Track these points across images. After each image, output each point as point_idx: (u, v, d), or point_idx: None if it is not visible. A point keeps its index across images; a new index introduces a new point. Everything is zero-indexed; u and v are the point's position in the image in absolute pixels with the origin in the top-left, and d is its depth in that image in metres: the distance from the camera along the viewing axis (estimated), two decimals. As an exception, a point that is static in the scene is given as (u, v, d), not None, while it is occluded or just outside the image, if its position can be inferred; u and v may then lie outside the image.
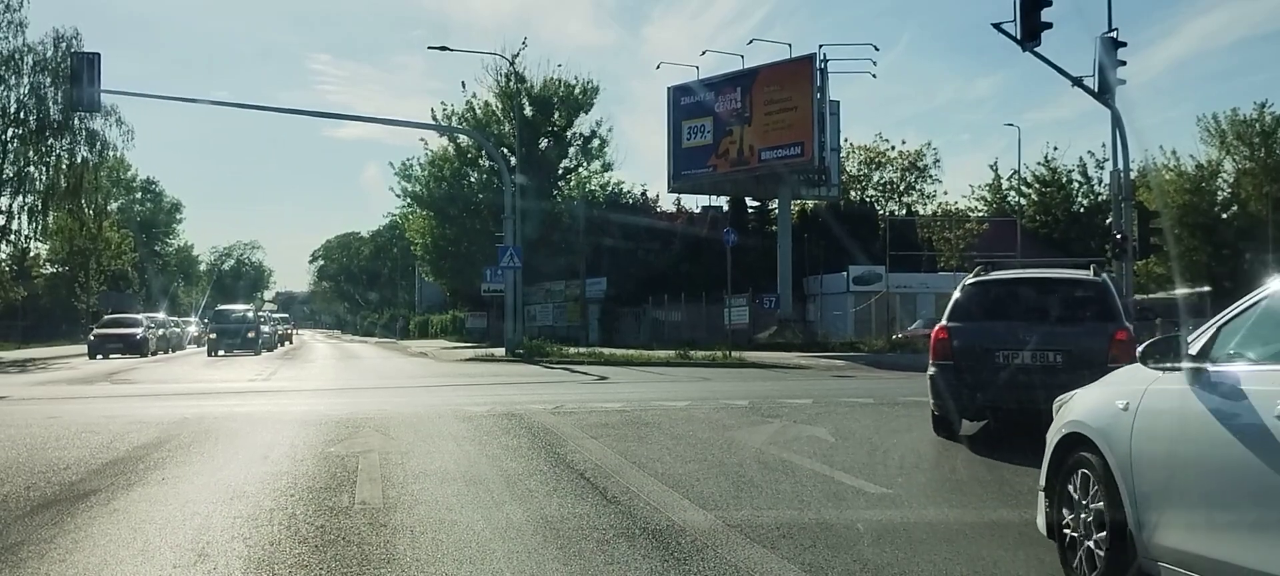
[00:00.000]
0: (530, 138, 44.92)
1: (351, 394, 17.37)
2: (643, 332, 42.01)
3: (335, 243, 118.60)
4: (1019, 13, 21.05)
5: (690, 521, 6.11)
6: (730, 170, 39.15)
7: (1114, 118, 23.92)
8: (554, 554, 5.38)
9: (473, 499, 6.90)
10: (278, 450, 9.31)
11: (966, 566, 5.20)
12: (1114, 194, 25.37)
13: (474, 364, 29.16)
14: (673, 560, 5.21)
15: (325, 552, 5.40)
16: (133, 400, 16.12)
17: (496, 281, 33.77)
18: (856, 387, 16.99)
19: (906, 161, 51.62)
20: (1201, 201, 44.29)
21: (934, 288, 39.25)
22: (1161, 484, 4.19)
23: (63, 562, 5.24)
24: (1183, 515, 4.08)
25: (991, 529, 6.02)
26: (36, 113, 44.65)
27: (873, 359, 27.44)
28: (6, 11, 43.49)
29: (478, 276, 39.08)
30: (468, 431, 10.72)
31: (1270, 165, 43.44)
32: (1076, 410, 4.94)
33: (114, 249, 63.29)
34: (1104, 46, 22.65)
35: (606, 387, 18.01)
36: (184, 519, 6.32)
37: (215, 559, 5.31)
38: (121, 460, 8.75)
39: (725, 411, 12.67)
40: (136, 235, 72.89)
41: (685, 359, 26.68)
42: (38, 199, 46.68)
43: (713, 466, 8.24)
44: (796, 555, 5.30)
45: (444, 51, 36.15)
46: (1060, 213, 52.55)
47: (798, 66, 36.66)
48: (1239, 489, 3.80)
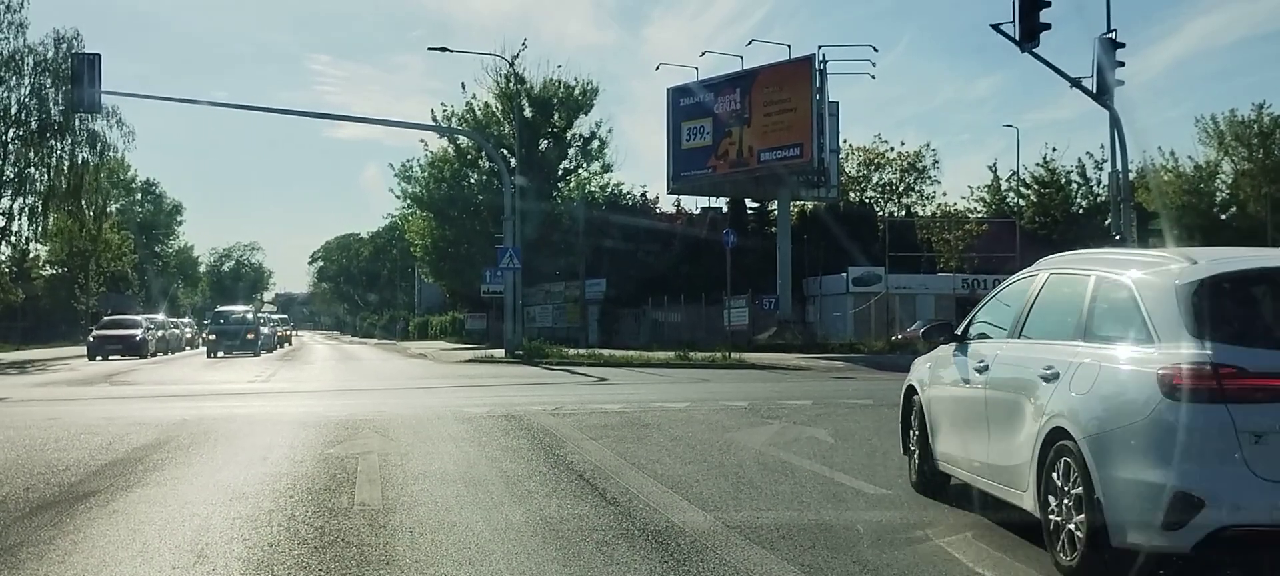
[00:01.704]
0: (530, 139, 44.91)
1: (351, 395, 17.37)
2: (642, 334, 42.01)
3: (335, 244, 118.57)
4: (1018, 14, 21.04)
5: (690, 522, 6.12)
6: (729, 171, 39.16)
7: (1113, 119, 23.92)
8: (553, 555, 5.38)
9: (472, 500, 6.90)
10: (277, 451, 9.31)
11: (965, 566, 5.21)
12: (1112, 195, 25.38)
13: (473, 365, 29.17)
14: (672, 561, 5.21)
15: (324, 553, 5.40)
16: (132, 402, 16.13)
17: (496, 282, 33.76)
18: (856, 389, 16.99)
19: (905, 162, 51.66)
20: (1200, 202, 44.31)
21: (933, 288, 39.31)
22: (936, 415, 6.93)
23: (62, 563, 5.24)
24: (942, 432, 6.81)
25: (989, 529, 6.02)
26: (37, 114, 44.72)
27: (872, 360, 27.44)
28: (7, 12, 43.60)
29: (477, 277, 39.09)
30: (467, 433, 10.72)
31: (1269, 166, 43.44)
32: (912, 371, 7.60)
33: (114, 250, 63.24)
34: (1103, 47, 22.65)
35: (606, 389, 18.01)
36: (183, 520, 6.32)
37: (214, 560, 5.31)
38: (121, 461, 8.75)
39: (725, 413, 12.67)
40: (136, 236, 72.87)
41: (685, 360, 26.68)
42: (38, 200, 46.74)
43: (712, 467, 8.25)
44: (796, 556, 5.30)
45: (444, 52, 36.15)
46: (1059, 214, 52.54)
47: (797, 67, 36.67)
48: (955, 414, 6.63)
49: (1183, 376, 4.41)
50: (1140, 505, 4.47)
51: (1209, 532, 4.31)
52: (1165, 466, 4.39)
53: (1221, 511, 4.29)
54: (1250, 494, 4.29)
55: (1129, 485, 4.52)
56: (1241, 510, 4.29)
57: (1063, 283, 5.86)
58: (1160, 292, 4.82)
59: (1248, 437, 4.31)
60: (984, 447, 6.03)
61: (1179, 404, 4.39)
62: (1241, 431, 4.31)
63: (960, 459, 6.43)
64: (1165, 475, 4.38)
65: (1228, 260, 5.07)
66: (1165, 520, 4.36)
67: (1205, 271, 4.81)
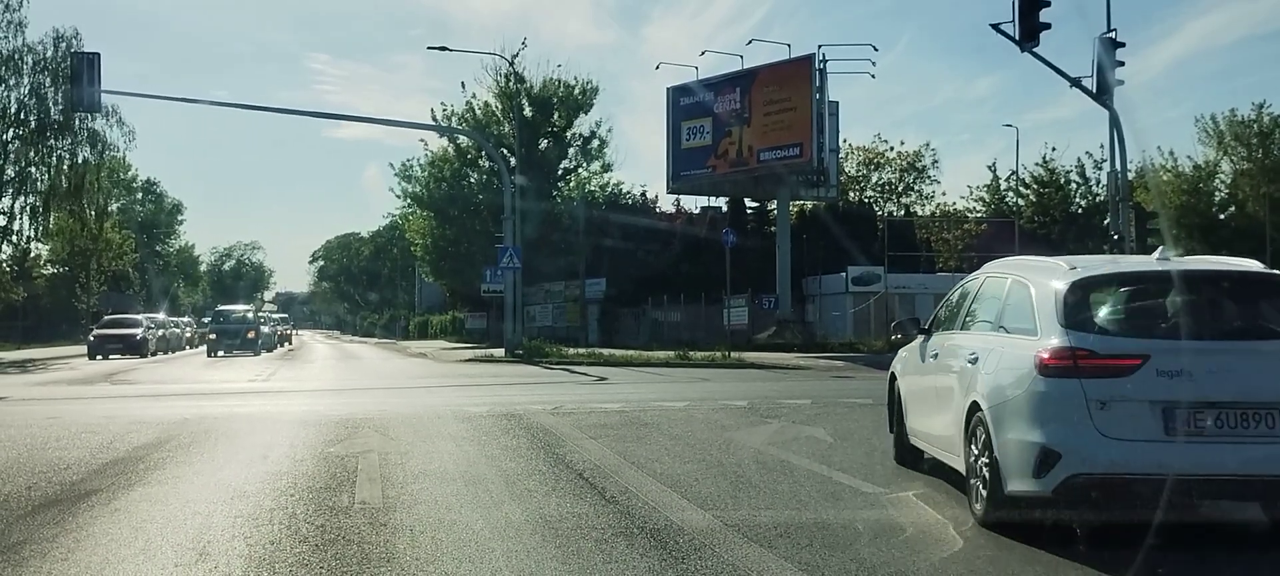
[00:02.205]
0: (530, 138, 44.90)
1: (351, 394, 17.40)
2: (642, 333, 42.01)
3: (335, 243, 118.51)
4: (1017, 13, 21.06)
5: (688, 521, 6.15)
6: (729, 171, 39.16)
7: (1112, 118, 23.96)
8: (552, 553, 5.42)
9: (472, 498, 6.93)
10: (278, 450, 9.35)
11: (962, 564, 5.26)
12: (1111, 195, 25.42)
13: (473, 364, 29.19)
14: (670, 559, 5.25)
15: (325, 551, 5.44)
16: (133, 400, 16.16)
17: (496, 282, 33.77)
18: (855, 388, 17.04)
19: (905, 162, 51.67)
20: (1199, 202, 44.25)
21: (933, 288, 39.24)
22: (906, 397, 8.17)
23: (65, 561, 5.28)
24: (910, 412, 8.02)
25: (985, 527, 6.05)
26: (37, 113, 44.70)
27: (871, 359, 27.39)
28: (6, 11, 43.56)
29: (477, 277, 39.06)
30: (467, 432, 10.75)
31: (1268, 166, 43.39)
32: (894, 361, 8.79)
33: (115, 250, 63.23)
34: (1102, 47, 22.68)
35: (605, 388, 18.04)
36: (185, 518, 6.36)
37: (216, 557, 5.35)
38: (122, 460, 8.79)
39: (724, 412, 12.71)
40: (137, 236, 72.80)
41: (684, 359, 26.70)
42: (39, 199, 46.73)
43: (711, 466, 8.29)
44: (794, 554, 5.34)
45: (444, 52, 36.20)
46: (1058, 213, 52.52)
47: (797, 67, 36.67)
48: (917, 396, 7.89)
49: (1049, 358, 5.64)
50: (1020, 459, 5.67)
51: (1064, 479, 5.47)
52: (1036, 428, 5.60)
53: (1073, 462, 5.45)
54: (1096, 449, 5.43)
55: (1014, 444, 5.72)
56: (1088, 461, 5.44)
57: (992, 284, 7.06)
58: (1045, 293, 6.04)
59: (1095, 405, 5.46)
60: (934, 422, 7.31)
61: (1047, 380, 5.60)
62: (1090, 400, 5.47)
63: (922, 433, 7.75)
64: (1036, 435, 5.59)
65: (1096, 267, 6.39)
66: (1034, 470, 5.57)
67: (1076, 276, 6.02)
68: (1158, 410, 5.40)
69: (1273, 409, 5.41)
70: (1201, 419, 5.40)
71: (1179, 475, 5.35)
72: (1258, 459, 5.39)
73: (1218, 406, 5.41)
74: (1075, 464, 5.42)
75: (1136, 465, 5.39)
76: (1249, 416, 5.41)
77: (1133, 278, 6.37)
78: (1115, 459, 5.39)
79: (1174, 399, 5.39)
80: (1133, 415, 5.41)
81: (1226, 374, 5.45)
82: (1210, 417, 5.40)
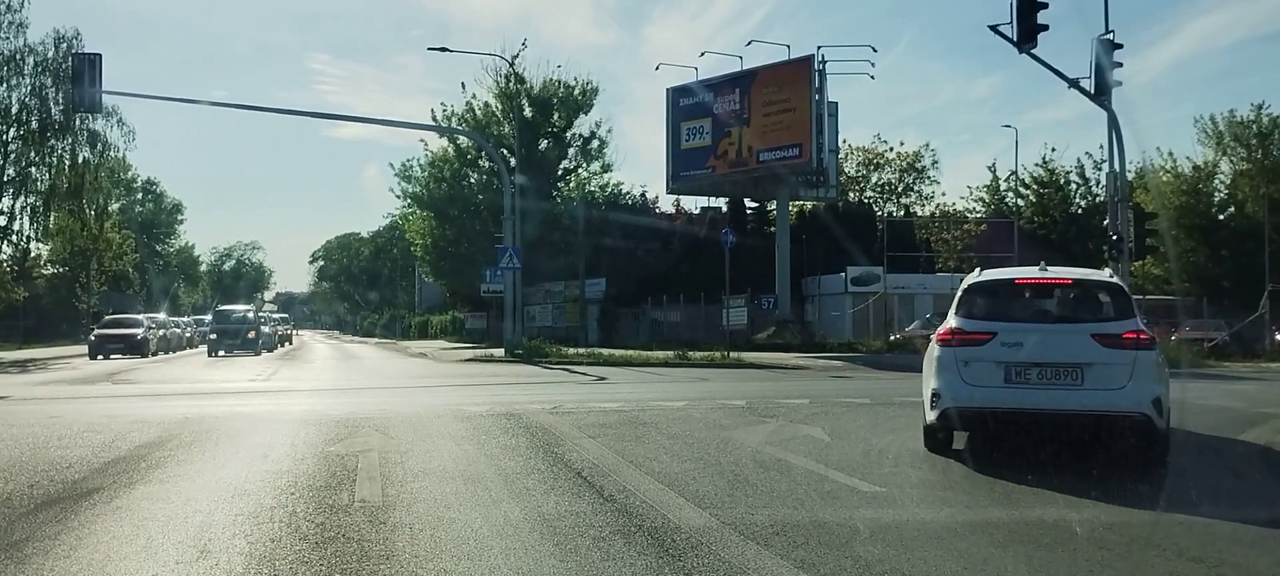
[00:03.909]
0: (530, 138, 44.94)
1: (351, 394, 17.44)
2: (642, 333, 42.05)
3: (335, 243, 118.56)
4: (1016, 15, 21.09)
5: (686, 519, 6.19)
6: (729, 171, 39.19)
7: (1111, 119, 24.01)
8: (551, 551, 5.46)
9: (471, 497, 6.98)
10: (278, 449, 9.39)
11: (958, 563, 5.29)
12: (1111, 195, 25.46)
13: (473, 364, 29.22)
14: (668, 557, 5.29)
15: (325, 549, 5.48)
16: (134, 400, 16.19)
17: (496, 282, 33.80)
18: (854, 388, 17.07)
19: (905, 162, 51.74)
20: (1198, 203, 44.18)
21: (932, 288, 39.31)
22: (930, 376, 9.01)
23: (67, 559, 5.32)
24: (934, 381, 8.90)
25: (983, 527, 6.10)
26: (38, 113, 44.77)
27: (871, 359, 27.51)
28: (7, 12, 43.63)
29: (477, 277, 39.09)
30: (466, 431, 10.79)
31: (1267, 166, 43.34)
32: None
33: (115, 249, 63.26)
34: (1101, 48, 22.72)
35: (605, 388, 18.08)
36: (186, 516, 6.40)
37: (217, 555, 5.39)
38: (123, 459, 8.83)
39: (722, 411, 12.74)
40: (137, 236, 72.85)
41: (684, 359, 26.74)
42: (39, 199, 46.80)
43: (709, 465, 8.32)
44: (790, 552, 5.38)
45: (444, 52, 36.17)
46: (1058, 214, 52.61)
47: (796, 67, 36.70)
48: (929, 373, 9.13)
49: (942, 334, 8.74)
50: (927, 399, 8.76)
51: (942, 410, 8.51)
52: (932, 379, 8.68)
53: (947, 398, 8.46)
54: (961, 390, 8.42)
55: (929, 388, 8.72)
56: (955, 398, 8.42)
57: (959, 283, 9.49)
58: (959, 290, 9.04)
59: (961, 363, 8.46)
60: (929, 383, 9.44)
61: (939, 348, 8.69)
62: (959, 361, 8.48)
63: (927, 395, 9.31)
64: (931, 383, 8.67)
65: (987, 275, 9.24)
66: (930, 404, 8.68)
67: (971, 280, 9.16)
68: (1001, 367, 8.26)
69: (1075, 366, 8.13)
70: (1028, 373, 8.22)
71: (1011, 409, 8.29)
72: (1061, 398, 8.16)
73: (1040, 365, 8.19)
74: (948, 400, 8.44)
75: (985, 401, 8.32)
76: (1060, 371, 8.17)
77: (1002, 282, 9.14)
78: (974, 397, 8.35)
79: (1011, 360, 8.24)
80: (985, 370, 8.33)
81: (1046, 344, 8.26)
82: (1034, 373, 8.21)
